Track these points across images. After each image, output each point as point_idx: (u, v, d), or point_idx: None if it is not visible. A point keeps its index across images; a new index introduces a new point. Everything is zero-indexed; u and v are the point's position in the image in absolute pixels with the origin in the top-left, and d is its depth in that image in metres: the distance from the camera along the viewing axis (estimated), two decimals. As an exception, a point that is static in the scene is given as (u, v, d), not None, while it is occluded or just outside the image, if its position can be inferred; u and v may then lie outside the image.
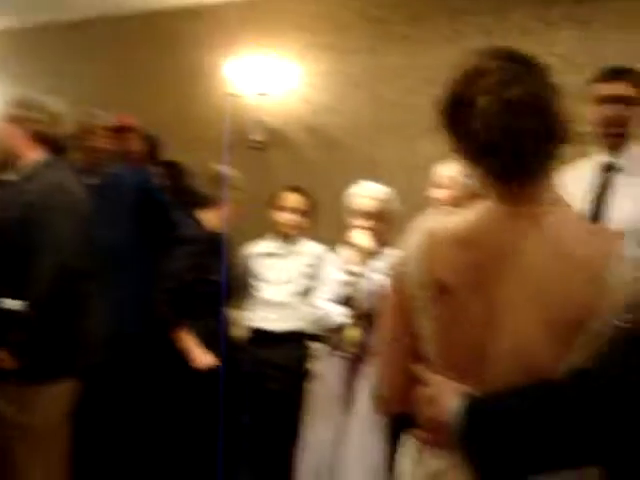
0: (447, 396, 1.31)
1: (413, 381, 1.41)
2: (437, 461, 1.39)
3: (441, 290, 1.37)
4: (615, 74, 2.89)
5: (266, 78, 5.16)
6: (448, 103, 1.34)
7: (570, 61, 4.22)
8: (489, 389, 1.29)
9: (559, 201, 1.37)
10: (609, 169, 2.90)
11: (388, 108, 4.90)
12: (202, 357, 3.43)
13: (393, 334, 1.48)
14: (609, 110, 2.85)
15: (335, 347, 3.35)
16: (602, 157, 2.93)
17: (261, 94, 5.17)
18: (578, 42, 4.41)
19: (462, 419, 1.26)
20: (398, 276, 1.46)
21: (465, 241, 1.37)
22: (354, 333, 3.28)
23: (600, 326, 1.25)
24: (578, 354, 1.26)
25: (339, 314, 3.31)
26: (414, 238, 1.44)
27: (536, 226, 1.33)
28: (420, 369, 1.41)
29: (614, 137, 2.89)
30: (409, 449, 1.50)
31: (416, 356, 1.44)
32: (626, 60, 3.41)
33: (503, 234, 1.34)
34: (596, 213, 2.77)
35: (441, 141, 1.39)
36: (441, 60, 1.36)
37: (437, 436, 1.34)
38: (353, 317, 3.28)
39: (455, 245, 1.38)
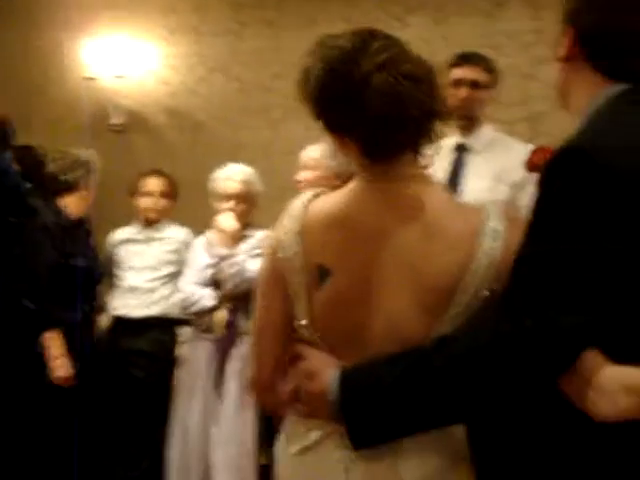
0: (325, 369, 1.35)
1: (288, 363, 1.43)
2: (314, 432, 1.42)
3: (319, 273, 1.37)
4: (467, 59, 3.05)
5: (123, 60, 5.03)
6: (326, 83, 1.30)
7: (423, 44, 4.38)
8: None
9: (427, 178, 1.40)
10: (461, 149, 3.06)
11: (251, 92, 4.91)
12: (63, 368, 3.28)
13: (269, 318, 1.46)
14: (461, 93, 2.99)
15: (204, 330, 3.35)
16: (455, 138, 3.08)
17: (118, 76, 5.04)
18: (432, 26, 4.58)
19: (337, 389, 1.30)
20: (273, 260, 1.43)
21: (337, 222, 1.38)
22: (222, 316, 3.30)
23: (469, 298, 1.31)
24: (449, 325, 1.31)
25: (206, 297, 3.31)
26: (288, 222, 1.43)
27: (405, 204, 1.35)
28: (299, 345, 1.42)
29: (466, 119, 3.05)
30: (285, 424, 1.52)
31: (293, 340, 1.44)
32: (478, 45, 3.58)
33: (374, 213, 1.36)
34: (450, 191, 2.91)
35: (304, 124, 1.39)
36: (305, 44, 1.36)
37: (315, 408, 1.37)
38: (221, 300, 3.30)
39: (329, 227, 1.38)
